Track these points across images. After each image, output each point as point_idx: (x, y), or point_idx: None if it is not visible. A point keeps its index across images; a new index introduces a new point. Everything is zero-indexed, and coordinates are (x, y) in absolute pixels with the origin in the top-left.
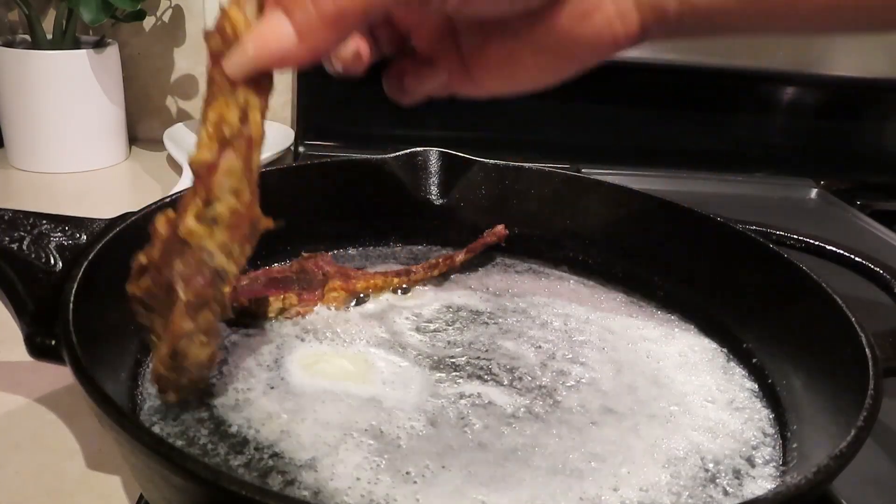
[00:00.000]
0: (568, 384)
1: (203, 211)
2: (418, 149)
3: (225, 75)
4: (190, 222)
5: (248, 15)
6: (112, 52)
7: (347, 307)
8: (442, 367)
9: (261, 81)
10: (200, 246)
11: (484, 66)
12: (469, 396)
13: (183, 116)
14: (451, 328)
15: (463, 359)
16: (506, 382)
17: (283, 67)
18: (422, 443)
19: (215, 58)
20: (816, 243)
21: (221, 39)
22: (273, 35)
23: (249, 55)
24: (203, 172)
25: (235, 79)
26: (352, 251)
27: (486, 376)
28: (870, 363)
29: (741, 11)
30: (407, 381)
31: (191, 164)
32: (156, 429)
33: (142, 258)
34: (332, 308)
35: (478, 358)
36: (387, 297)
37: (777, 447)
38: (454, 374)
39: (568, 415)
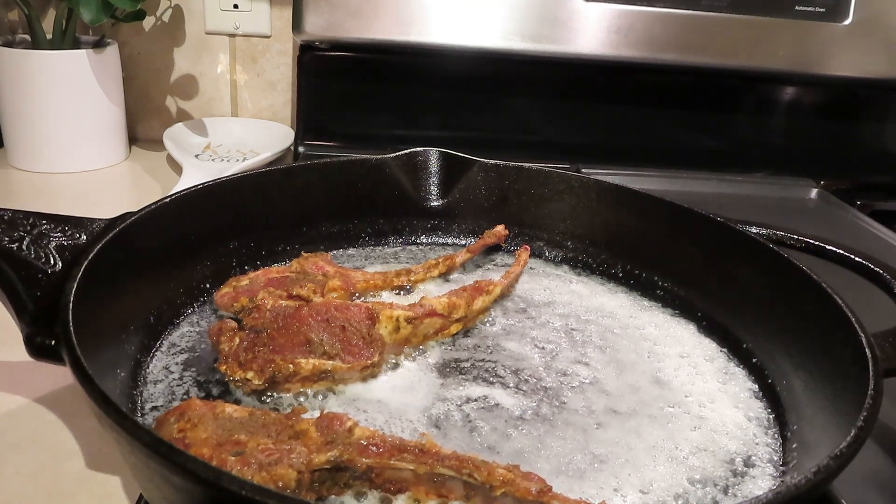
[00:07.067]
0: (573, 385)
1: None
2: (418, 149)
3: None
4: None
5: None
6: (112, 52)
7: None
8: (447, 369)
9: None
10: None
11: None
12: (476, 400)
13: (183, 116)
14: None
15: (468, 361)
16: (511, 384)
17: None
18: None
19: None
20: (816, 243)
21: None
22: None
23: None
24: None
25: None
26: (352, 251)
27: (491, 378)
28: (870, 363)
29: None
30: (413, 384)
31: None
32: None
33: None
34: None
35: (483, 360)
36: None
37: (777, 447)
38: (460, 376)
39: (574, 416)
